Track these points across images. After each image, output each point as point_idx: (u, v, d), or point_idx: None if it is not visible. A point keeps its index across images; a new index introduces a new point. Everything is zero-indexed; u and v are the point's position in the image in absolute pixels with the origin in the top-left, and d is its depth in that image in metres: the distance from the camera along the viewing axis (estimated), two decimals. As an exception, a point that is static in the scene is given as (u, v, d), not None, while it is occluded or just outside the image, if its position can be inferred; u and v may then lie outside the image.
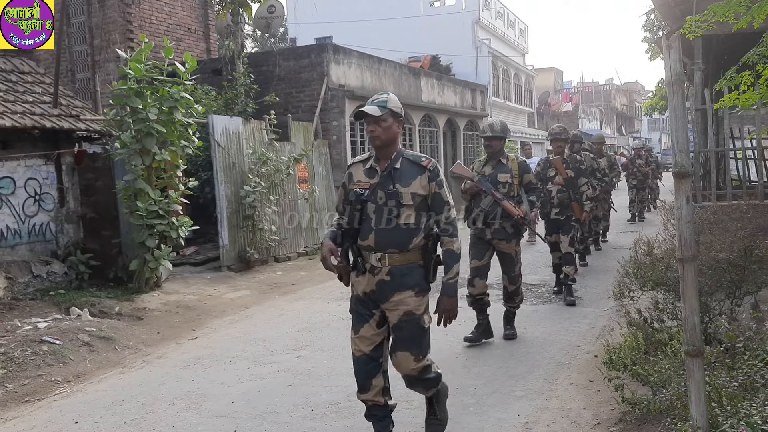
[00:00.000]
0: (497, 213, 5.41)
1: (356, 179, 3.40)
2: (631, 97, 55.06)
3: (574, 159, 7.51)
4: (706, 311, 4.13)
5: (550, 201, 7.20)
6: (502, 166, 5.59)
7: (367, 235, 3.28)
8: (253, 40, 30.66)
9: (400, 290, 3.26)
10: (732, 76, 3.80)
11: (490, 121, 5.71)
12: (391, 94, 3.40)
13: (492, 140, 5.56)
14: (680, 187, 2.80)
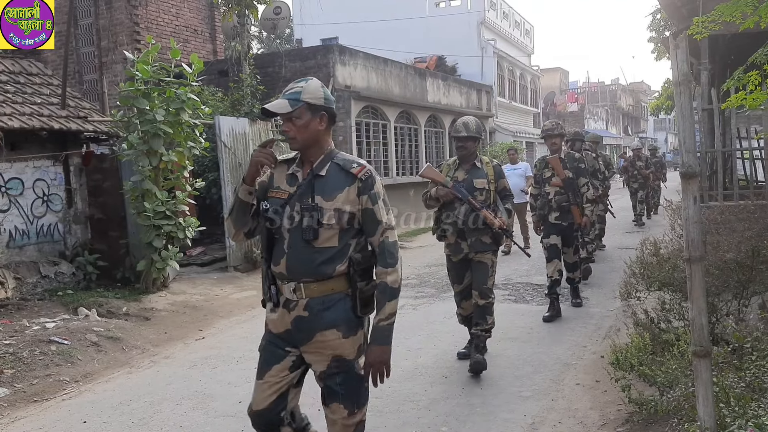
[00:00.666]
0: (475, 221, 4.78)
1: (276, 184, 2.69)
2: (637, 97, 54.90)
3: (572, 157, 6.75)
4: (714, 312, 4.13)
5: (549, 204, 6.57)
6: (477, 171, 4.91)
7: (279, 260, 2.61)
8: (259, 41, 30.72)
9: (321, 329, 2.57)
10: (739, 77, 3.79)
11: (463, 120, 4.98)
12: (312, 80, 2.65)
13: (467, 141, 4.88)
14: (687, 188, 2.79)
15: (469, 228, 4.79)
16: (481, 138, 5.00)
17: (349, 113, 13.45)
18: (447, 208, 4.89)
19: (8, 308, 7.03)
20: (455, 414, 4.06)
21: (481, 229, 4.79)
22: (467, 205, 4.76)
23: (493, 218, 4.73)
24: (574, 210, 6.50)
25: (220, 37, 15.30)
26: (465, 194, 4.76)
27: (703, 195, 7.25)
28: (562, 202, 6.51)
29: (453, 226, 4.86)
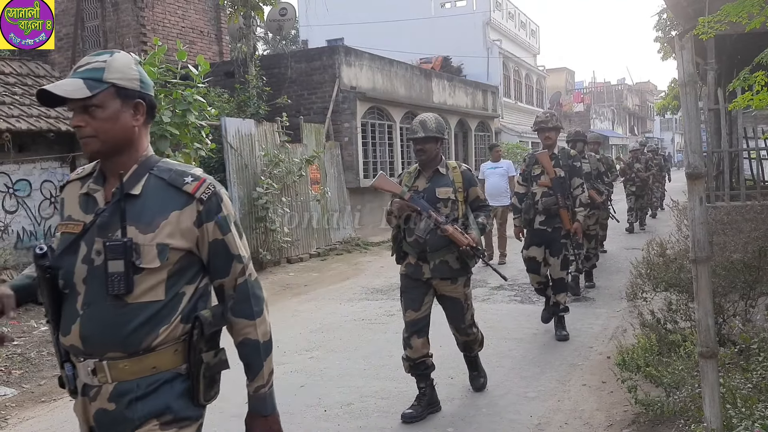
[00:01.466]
0: (438, 239, 3.91)
1: (67, 213, 1.85)
2: (643, 97, 54.74)
3: (566, 154, 5.83)
4: (720, 312, 4.12)
5: (534, 206, 5.67)
6: (440, 178, 4.06)
7: (69, 327, 1.75)
8: (264, 42, 30.80)
9: (134, 427, 1.73)
10: (745, 77, 3.79)
11: (420, 118, 4.12)
12: (119, 53, 1.81)
13: (425, 143, 4.00)
14: (693, 188, 2.79)
15: (431, 247, 3.94)
16: (443, 138, 4.17)
17: (355, 114, 13.46)
18: (407, 224, 4.04)
19: (16, 309, 7.06)
20: (461, 415, 4.07)
21: (446, 249, 3.95)
22: (428, 219, 3.91)
23: (461, 235, 3.86)
24: (561, 213, 5.56)
25: (226, 38, 15.34)
26: (425, 206, 3.91)
27: (709, 195, 7.24)
28: (549, 204, 5.58)
29: (414, 247, 3.99)
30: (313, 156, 11.24)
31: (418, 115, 4.40)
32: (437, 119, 4.10)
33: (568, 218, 5.58)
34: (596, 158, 8.03)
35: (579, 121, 34.85)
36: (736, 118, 8.23)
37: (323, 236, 11.87)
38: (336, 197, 12.53)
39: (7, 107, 7.80)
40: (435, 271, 3.96)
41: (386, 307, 7.01)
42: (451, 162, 4.18)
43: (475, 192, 4.11)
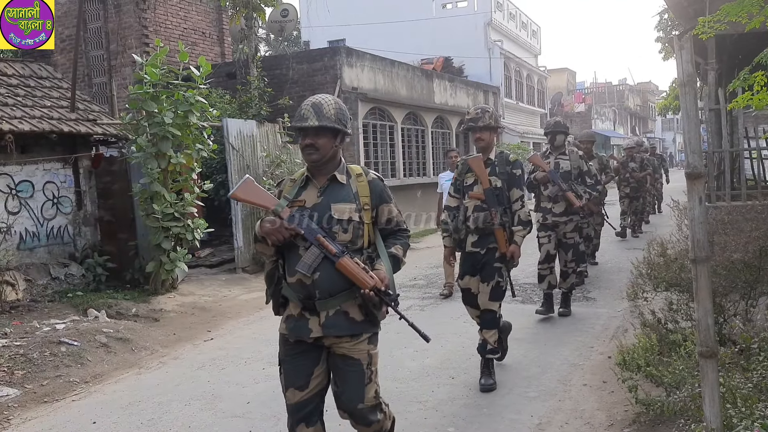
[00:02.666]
0: (329, 280, 2.72)
1: None
2: (644, 97, 54.68)
3: (504, 159, 4.67)
4: (721, 312, 4.13)
5: (465, 223, 4.64)
6: (338, 190, 2.83)
7: None
8: (266, 43, 30.83)
9: None
10: (745, 77, 3.80)
11: (312, 101, 2.83)
12: None
13: (318, 136, 2.78)
14: (693, 188, 2.80)
15: (322, 292, 2.72)
16: (346, 131, 2.84)
17: (356, 115, 13.47)
18: (289, 255, 2.80)
19: (19, 310, 7.09)
20: (462, 415, 4.08)
21: (344, 295, 2.74)
22: (318, 249, 2.69)
23: (364, 274, 2.67)
24: (496, 233, 4.54)
25: (228, 39, 15.37)
26: (312, 231, 2.71)
27: (710, 195, 7.23)
28: (483, 220, 4.57)
29: (296, 290, 2.76)
30: (314, 157, 11.25)
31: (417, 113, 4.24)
32: (337, 105, 2.84)
33: (504, 238, 4.55)
34: (578, 155, 6.68)
35: (580, 122, 34.81)
36: (737, 117, 8.22)
37: (325, 237, 11.87)
38: (337, 198, 12.53)
39: (9, 109, 7.83)
40: (328, 327, 2.76)
41: (388, 307, 7.01)
42: (356, 167, 2.95)
43: (387, 211, 2.89)
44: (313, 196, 2.83)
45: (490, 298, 4.53)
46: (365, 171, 2.94)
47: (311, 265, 2.70)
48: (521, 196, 4.65)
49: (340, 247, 2.70)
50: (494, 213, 4.51)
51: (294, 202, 2.81)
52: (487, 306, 4.56)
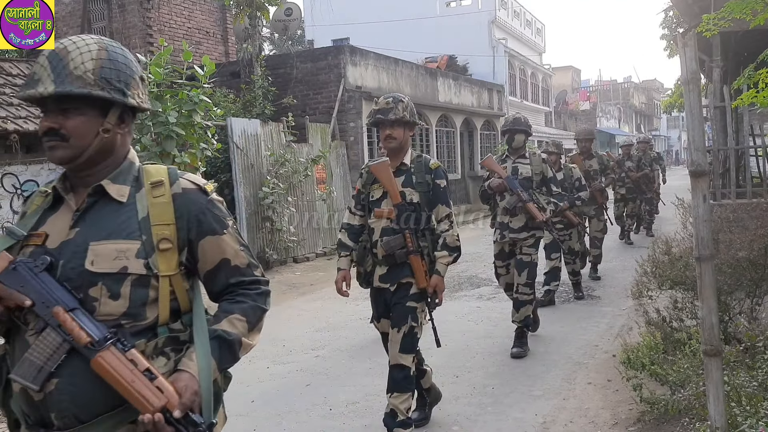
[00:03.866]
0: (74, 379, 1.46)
1: None
2: (649, 95, 54.55)
3: (423, 165, 3.57)
4: (726, 310, 4.11)
5: (372, 251, 3.58)
6: (109, 216, 1.55)
7: None
8: (270, 42, 30.83)
9: None
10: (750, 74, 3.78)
11: (45, 53, 1.53)
12: None
13: (66, 114, 1.52)
14: (697, 186, 2.80)
15: (61, 414, 1.46)
16: (125, 101, 1.58)
17: (361, 114, 13.47)
18: (13, 342, 1.54)
19: (24, 309, 7.12)
20: (466, 413, 4.07)
21: (106, 421, 1.48)
22: (55, 333, 1.46)
23: (143, 385, 1.41)
24: (412, 262, 3.45)
25: (232, 39, 15.40)
26: (48, 300, 1.46)
27: (715, 193, 7.22)
28: (392, 247, 3.46)
29: (24, 404, 1.50)
30: (318, 156, 11.27)
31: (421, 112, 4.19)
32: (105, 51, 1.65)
33: (422, 270, 3.45)
34: (541, 158, 5.50)
35: (585, 120, 34.76)
36: (742, 115, 8.20)
37: (329, 235, 11.89)
38: (342, 197, 12.55)
39: (14, 108, 7.85)
40: None
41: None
42: (157, 169, 1.59)
43: (219, 249, 1.60)
44: (62, 225, 1.55)
45: (401, 350, 3.44)
46: (175, 175, 1.64)
47: (42, 367, 1.43)
48: (448, 215, 3.54)
49: (102, 330, 1.45)
50: (409, 236, 3.43)
51: (28, 239, 1.55)
52: (397, 360, 3.45)
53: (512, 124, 5.40)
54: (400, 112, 3.51)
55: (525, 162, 5.37)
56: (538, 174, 5.35)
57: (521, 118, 5.49)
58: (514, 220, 5.22)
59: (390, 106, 3.52)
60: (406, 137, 3.57)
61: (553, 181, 5.45)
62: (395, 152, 3.56)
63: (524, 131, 5.39)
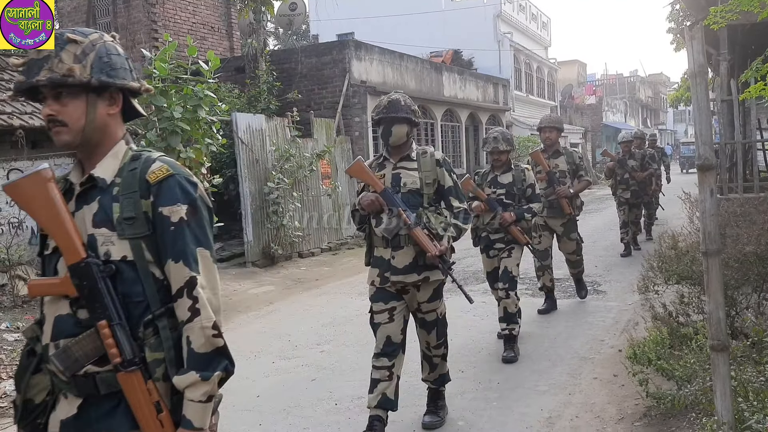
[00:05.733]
0: None
1: None
2: (656, 89, 54.29)
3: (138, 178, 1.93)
4: (733, 305, 4.09)
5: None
6: None
7: None
8: (275, 37, 30.83)
9: None
10: (758, 67, 3.75)
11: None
12: None
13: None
14: (704, 180, 2.78)
15: None
16: None
17: (365, 108, 13.44)
18: None
19: (31, 304, 7.14)
20: (471, 408, 4.07)
21: None
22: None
23: None
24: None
25: (237, 34, 15.38)
26: None
27: (722, 187, 7.17)
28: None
29: None
30: (323, 151, 11.26)
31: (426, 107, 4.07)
32: None
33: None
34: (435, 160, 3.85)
35: (591, 114, 34.62)
36: (749, 109, 8.14)
37: (334, 230, 11.89)
38: (347, 192, 12.54)
39: (20, 104, 7.87)
40: None
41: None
42: None
43: None
44: None
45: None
46: None
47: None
48: None
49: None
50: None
51: None
52: None
53: (387, 110, 3.61)
54: None
55: (411, 167, 3.64)
56: (431, 183, 3.64)
57: (400, 100, 3.64)
58: (398, 256, 3.56)
59: None
60: None
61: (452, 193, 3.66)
62: None
63: (407, 120, 3.61)
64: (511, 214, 5.03)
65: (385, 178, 3.64)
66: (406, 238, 3.52)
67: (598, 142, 33.33)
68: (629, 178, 9.48)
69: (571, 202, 6.30)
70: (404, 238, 3.53)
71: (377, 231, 3.58)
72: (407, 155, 3.68)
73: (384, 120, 3.61)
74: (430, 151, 3.72)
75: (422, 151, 3.71)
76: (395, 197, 3.53)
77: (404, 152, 3.68)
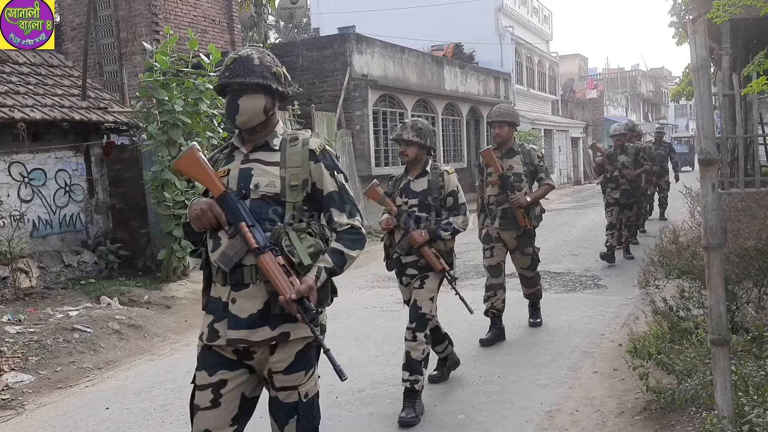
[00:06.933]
0: None
1: None
2: (657, 83, 54.16)
3: None
4: (733, 300, 4.09)
5: None
6: None
7: None
8: (276, 30, 30.76)
9: None
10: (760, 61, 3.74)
11: None
12: None
13: None
14: (706, 175, 2.77)
15: None
16: None
17: (366, 102, 13.43)
18: None
19: (33, 297, 7.16)
20: (472, 402, 4.08)
21: None
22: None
23: None
24: None
25: (238, 27, 15.33)
26: None
27: (723, 182, 7.17)
28: None
29: None
30: (324, 144, 11.27)
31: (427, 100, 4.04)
32: None
33: None
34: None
35: (592, 108, 34.55)
36: (751, 103, 8.12)
37: (335, 224, 11.91)
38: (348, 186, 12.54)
39: (21, 97, 7.87)
40: None
41: (398, 294, 7.00)
42: None
43: None
44: None
45: None
46: None
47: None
48: None
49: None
50: None
51: None
52: None
53: (232, 73, 2.40)
54: None
55: (270, 160, 2.46)
56: (299, 186, 2.45)
57: (253, 57, 2.43)
58: (241, 298, 2.37)
59: None
60: None
61: (335, 202, 2.55)
62: None
63: (264, 87, 2.43)
64: (422, 233, 3.94)
65: (229, 176, 2.42)
66: (253, 270, 2.31)
67: (600, 136, 33.28)
68: (619, 176, 8.42)
69: (528, 211, 5.23)
70: (250, 270, 2.32)
71: (212, 258, 2.38)
72: (266, 143, 2.47)
73: (228, 88, 2.41)
74: (303, 137, 2.50)
75: (291, 137, 2.50)
76: (239, 206, 2.33)
77: (262, 138, 2.48)
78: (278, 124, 2.56)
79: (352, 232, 2.52)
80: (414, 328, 3.92)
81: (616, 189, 8.45)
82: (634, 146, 8.76)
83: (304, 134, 2.53)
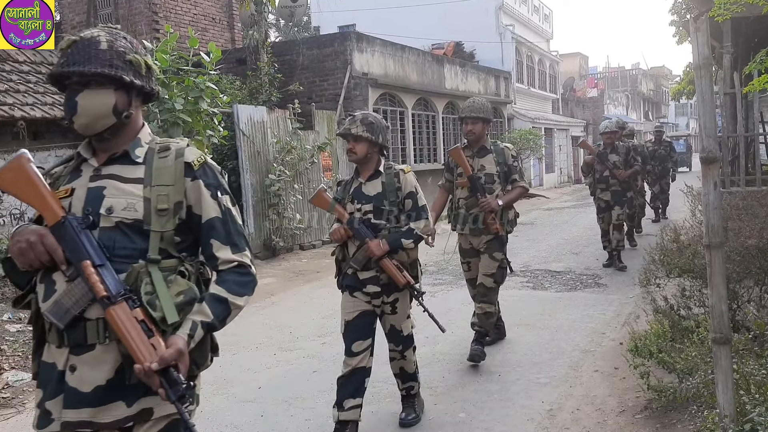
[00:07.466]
0: None
1: None
2: (658, 82, 54.13)
3: None
4: (735, 298, 4.09)
5: None
6: None
7: None
8: (276, 29, 30.73)
9: None
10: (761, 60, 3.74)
11: None
12: None
13: None
14: (708, 173, 2.77)
15: None
16: None
17: (367, 101, 13.43)
18: None
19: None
20: (473, 400, 4.08)
21: None
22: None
23: None
24: None
25: (238, 25, 15.33)
26: None
27: (725, 180, 7.16)
28: None
29: None
30: (325, 143, 11.25)
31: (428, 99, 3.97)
32: None
33: None
34: None
35: (593, 107, 34.53)
36: (752, 102, 8.10)
37: (335, 223, 11.91)
38: (348, 184, 12.54)
39: (21, 95, 7.86)
40: None
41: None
42: None
43: None
44: None
45: None
46: None
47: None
48: None
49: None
50: None
51: None
52: None
53: (68, 61, 1.84)
54: None
55: (129, 176, 1.86)
56: (168, 211, 1.86)
57: (101, 40, 1.84)
58: (82, 365, 1.78)
59: None
60: None
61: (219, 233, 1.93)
62: None
63: (114, 79, 1.81)
64: (380, 243, 3.44)
65: (73, 197, 1.81)
66: (100, 326, 1.72)
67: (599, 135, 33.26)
68: (609, 176, 8.07)
69: (501, 215, 4.78)
70: (95, 326, 1.72)
71: (42, 309, 1.76)
72: (125, 153, 1.86)
73: (68, 80, 1.85)
74: (176, 146, 1.89)
75: (161, 147, 1.89)
76: (83, 237, 1.72)
77: (119, 147, 1.86)
78: (143, 129, 1.90)
79: (239, 272, 1.90)
80: (401, 350, 3.70)
81: (605, 190, 8.11)
82: (624, 145, 8.33)
83: (179, 143, 1.90)
